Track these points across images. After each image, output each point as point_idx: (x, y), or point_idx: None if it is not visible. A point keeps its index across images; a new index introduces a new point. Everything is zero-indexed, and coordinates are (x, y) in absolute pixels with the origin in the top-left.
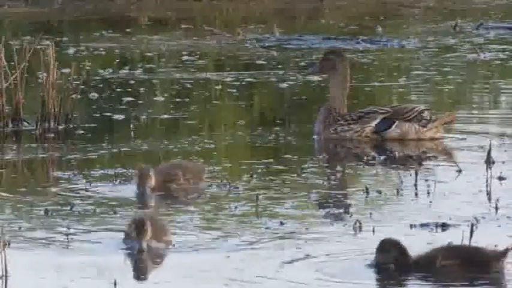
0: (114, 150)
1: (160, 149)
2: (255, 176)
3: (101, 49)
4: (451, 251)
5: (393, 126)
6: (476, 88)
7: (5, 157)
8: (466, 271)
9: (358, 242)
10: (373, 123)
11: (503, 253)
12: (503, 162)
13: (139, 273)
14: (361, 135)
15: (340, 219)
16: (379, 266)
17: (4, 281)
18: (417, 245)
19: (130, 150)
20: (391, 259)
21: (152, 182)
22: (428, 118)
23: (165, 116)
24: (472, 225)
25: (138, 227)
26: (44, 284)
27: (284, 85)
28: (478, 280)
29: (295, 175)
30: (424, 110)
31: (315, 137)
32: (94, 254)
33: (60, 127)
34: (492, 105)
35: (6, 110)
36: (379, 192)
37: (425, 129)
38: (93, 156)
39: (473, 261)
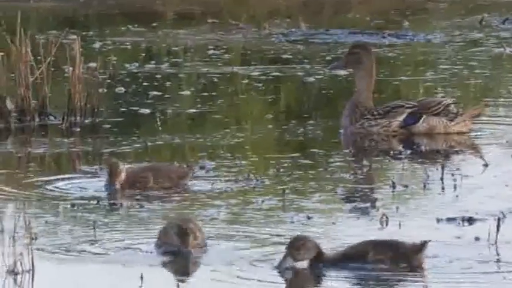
0: (141, 145)
1: (187, 143)
2: (281, 170)
3: (127, 43)
4: (377, 245)
5: (421, 121)
6: (503, 82)
7: (32, 151)
8: (390, 264)
9: (385, 236)
10: (401, 118)
11: (421, 246)
12: None
13: (166, 267)
14: (388, 130)
15: (367, 213)
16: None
17: (31, 275)
18: (444, 239)
19: (157, 145)
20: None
21: (122, 177)
22: (455, 112)
23: (192, 110)
24: (499, 219)
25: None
26: (70, 277)
27: (310, 79)
28: (400, 274)
29: (321, 169)
30: (451, 103)
31: (341, 131)
32: (120, 248)
33: (86, 121)
34: None
35: (33, 104)
36: (406, 186)
37: (452, 123)
38: (120, 150)
39: (395, 255)
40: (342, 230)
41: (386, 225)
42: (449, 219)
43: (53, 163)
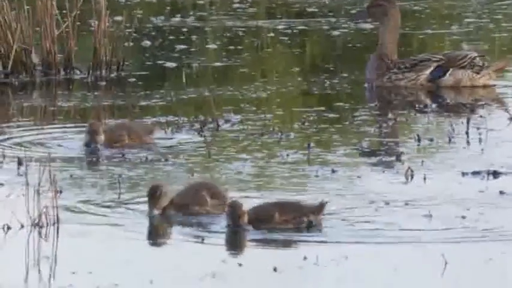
0: (167, 98)
1: (212, 96)
2: (306, 123)
3: None
4: (282, 206)
5: (447, 74)
6: None
7: (57, 104)
8: (289, 224)
9: (410, 190)
10: (428, 71)
11: (320, 207)
12: None
13: (187, 220)
14: (415, 84)
15: (392, 167)
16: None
17: (56, 228)
18: (469, 192)
19: (183, 98)
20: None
21: (102, 138)
22: (481, 65)
23: (217, 64)
24: None
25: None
26: (94, 230)
27: (336, 33)
28: (299, 234)
29: (347, 123)
30: (477, 56)
31: (366, 85)
32: (145, 201)
33: (111, 75)
34: None
35: (58, 58)
36: (431, 140)
37: (478, 75)
38: (145, 104)
39: (295, 215)
40: (366, 184)
41: (412, 179)
42: (475, 173)
43: (78, 117)
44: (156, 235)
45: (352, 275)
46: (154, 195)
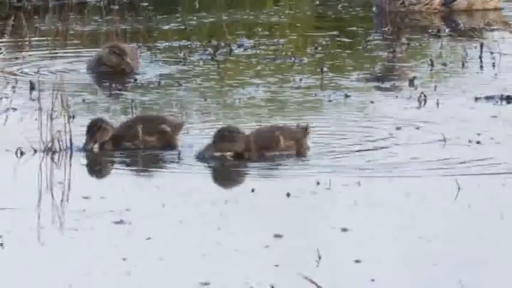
0: (179, 23)
1: (225, 21)
2: (320, 48)
3: None
4: (283, 131)
5: None
6: None
7: (70, 28)
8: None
9: (422, 115)
10: None
11: (305, 130)
12: None
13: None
14: (430, 8)
15: (405, 92)
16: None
17: (69, 153)
18: (482, 117)
19: (195, 23)
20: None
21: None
22: None
23: None
24: None
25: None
26: (108, 156)
27: None
28: (310, 160)
29: (360, 47)
30: None
31: (374, 9)
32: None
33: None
34: None
35: None
36: (444, 64)
37: None
38: (158, 29)
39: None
40: (379, 109)
41: (425, 103)
42: (488, 98)
43: (91, 40)
44: (165, 162)
45: (364, 199)
46: (93, 129)
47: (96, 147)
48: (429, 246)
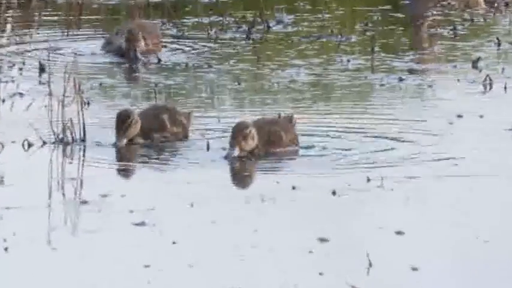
0: None
1: None
2: (370, 24)
3: None
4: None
5: None
6: None
7: (86, 1)
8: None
9: (488, 102)
10: None
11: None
12: None
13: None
14: None
15: (468, 74)
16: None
17: (82, 145)
18: None
19: None
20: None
21: (142, 44)
22: None
23: None
24: None
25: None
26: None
27: None
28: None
29: (416, 23)
30: None
31: None
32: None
33: None
34: None
35: None
36: None
37: None
38: (186, 2)
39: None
40: (439, 94)
41: (490, 88)
42: None
43: (109, 17)
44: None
45: (419, 197)
46: (124, 123)
47: (124, 142)
48: (492, 251)
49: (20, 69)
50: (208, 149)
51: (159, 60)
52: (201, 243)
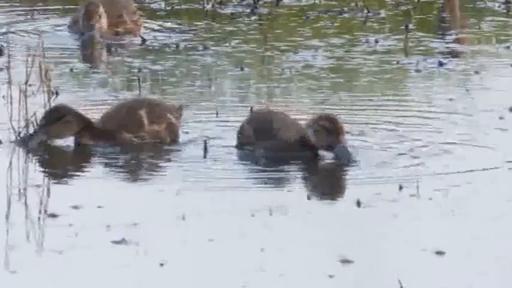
0: None
1: None
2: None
3: None
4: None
5: None
6: None
7: None
8: None
9: None
10: None
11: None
12: None
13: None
14: None
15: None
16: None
17: (50, 145)
18: None
19: None
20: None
21: (104, 22)
22: None
23: None
24: None
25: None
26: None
27: None
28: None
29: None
30: None
31: None
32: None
33: None
34: None
35: None
36: None
37: None
38: None
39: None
40: (487, 82)
41: None
42: None
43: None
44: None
45: (461, 210)
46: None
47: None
48: None
49: None
50: (205, 155)
51: (144, 40)
52: (194, 266)
